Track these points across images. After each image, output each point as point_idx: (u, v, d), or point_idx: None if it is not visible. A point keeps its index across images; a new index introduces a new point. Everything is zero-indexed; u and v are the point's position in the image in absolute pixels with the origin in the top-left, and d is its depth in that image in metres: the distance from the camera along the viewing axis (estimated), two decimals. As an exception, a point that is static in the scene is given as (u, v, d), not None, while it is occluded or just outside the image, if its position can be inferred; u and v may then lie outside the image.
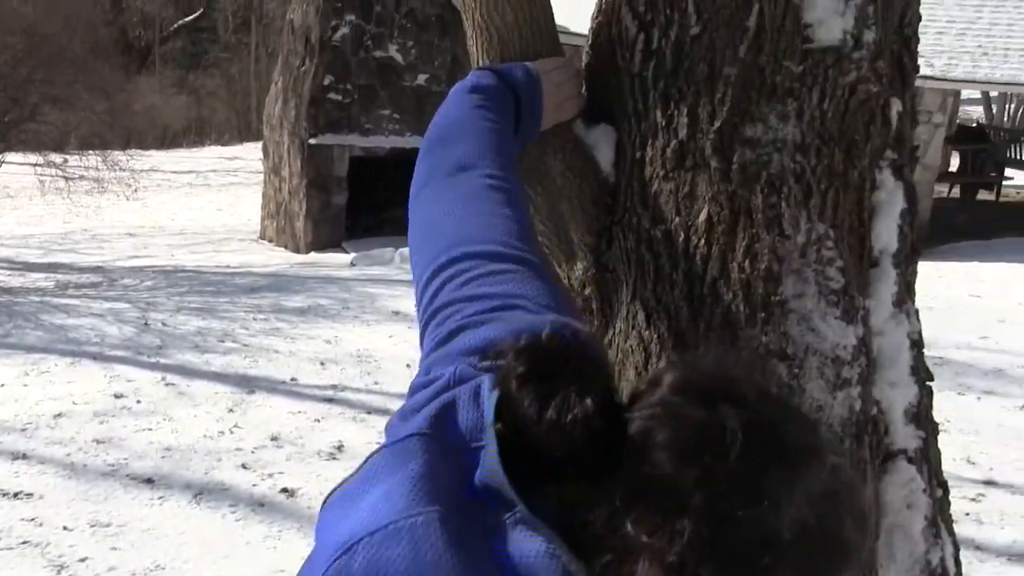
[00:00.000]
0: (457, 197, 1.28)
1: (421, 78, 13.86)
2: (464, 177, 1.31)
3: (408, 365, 7.51)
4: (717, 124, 1.45)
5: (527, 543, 0.78)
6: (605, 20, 1.61)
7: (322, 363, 7.55)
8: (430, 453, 0.86)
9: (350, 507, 0.86)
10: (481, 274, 1.13)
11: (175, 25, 37.90)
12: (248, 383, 7.03)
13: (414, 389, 1.01)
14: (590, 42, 1.65)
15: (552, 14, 1.65)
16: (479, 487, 0.84)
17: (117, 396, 6.66)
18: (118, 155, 16.54)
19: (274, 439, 5.99)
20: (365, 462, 0.90)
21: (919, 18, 1.63)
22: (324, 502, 0.91)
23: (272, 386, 7.00)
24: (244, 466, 5.58)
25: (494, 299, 1.09)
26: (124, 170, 15.76)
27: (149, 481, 5.34)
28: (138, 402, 6.57)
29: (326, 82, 13.43)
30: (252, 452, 5.78)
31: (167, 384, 6.96)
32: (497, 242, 1.18)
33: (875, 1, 1.48)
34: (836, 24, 1.45)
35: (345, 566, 0.80)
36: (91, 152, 15.38)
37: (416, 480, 0.83)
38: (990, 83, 13.80)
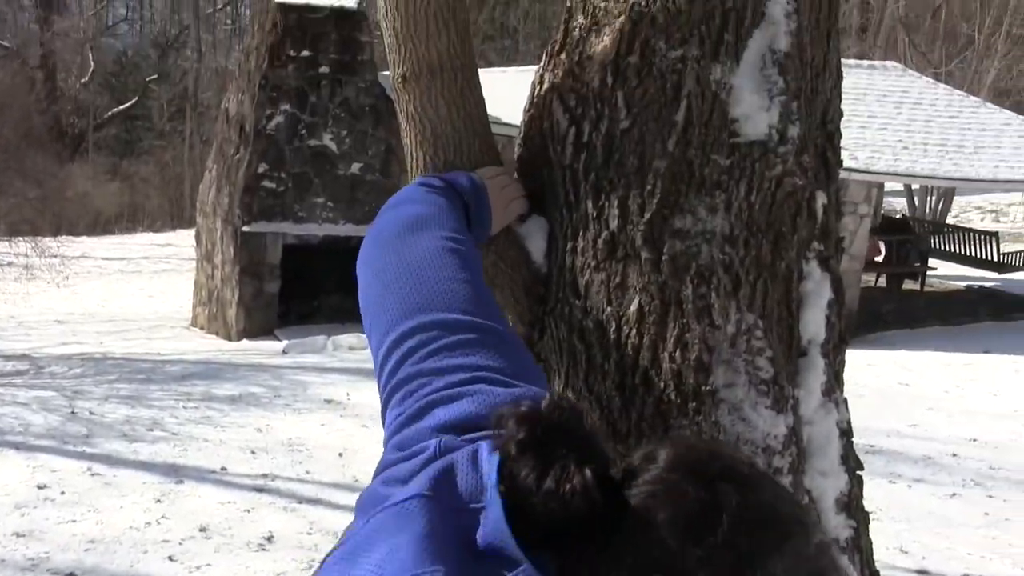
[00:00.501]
0: (414, 259, 1.25)
1: (355, 167, 13.92)
2: (420, 237, 1.29)
3: (340, 454, 7.40)
4: (647, 216, 1.47)
5: None
6: (537, 113, 1.63)
7: (252, 452, 7.41)
8: (433, 513, 0.85)
9: (349, 567, 0.83)
10: (445, 345, 1.10)
11: (110, 113, 37.77)
12: (176, 472, 6.87)
13: (388, 464, 0.99)
14: (522, 135, 1.67)
15: (485, 107, 1.68)
16: (482, 547, 0.82)
17: (40, 487, 6.46)
18: (49, 242, 16.30)
19: (202, 530, 5.84)
20: (345, 533, 0.90)
21: (841, 114, 1.68)
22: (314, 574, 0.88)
23: (201, 475, 6.84)
24: (171, 558, 5.42)
25: (461, 371, 1.07)
26: (54, 256, 15.52)
27: (71, 576, 5.17)
28: (62, 493, 6.38)
29: (260, 170, 13.43)
30: (180, 544, 5.62)
31: (93, 474, 6.77)
32: (459, 309, 1.15)
33: (799, 98, 1.52)
34: (762, 119, 1.48)
35: None
36: (21, 239, 15.14)
37: (421, 539, 0.82)
38: (911, 176, 14.21)
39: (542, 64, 1.67)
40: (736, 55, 1.48)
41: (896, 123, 14.60)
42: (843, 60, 1.81)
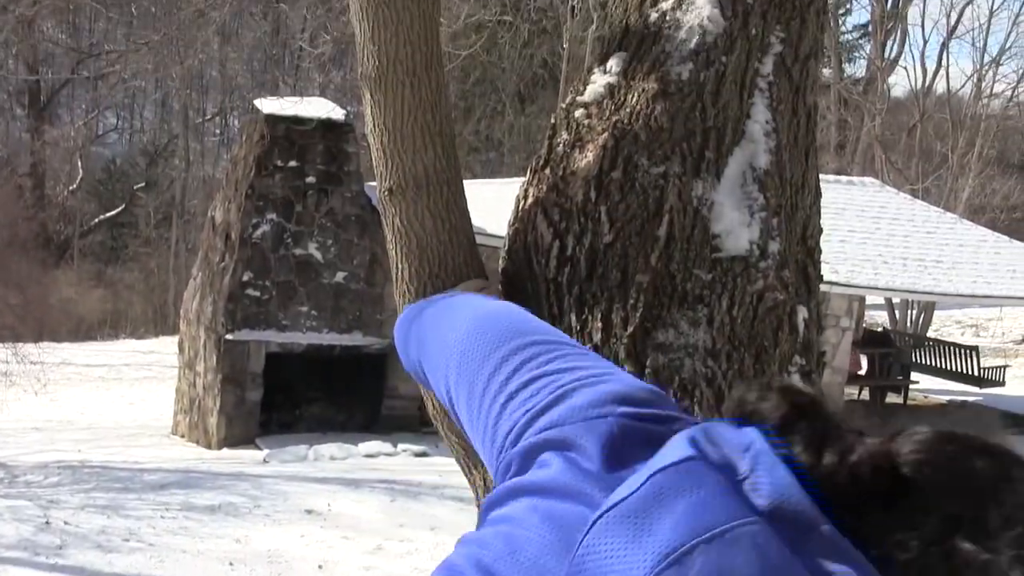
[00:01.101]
0: (480, 304, 1.28)
1: (339, 275, 13.97)
2: (471, 298, 1.33)
3: (320, 566, 7.26)
4: (630, 329, 1.48)
5: (836, 565, 0.78)
6: (521, 227, 1.65)
7: (231, 563, 7.26)
8: (717, 474, 0.85)
9: (639, 531, 0.81)
10: (561, 354, 1.13)
11: (96, 220, 37.97)
12: (150, 587, 6.72)
13: (538, 445, 1.00)
14: (506, 247, 1.69)
15: (470, 221, 1.70)
16: (766, 509, 0.82)
17: (8, 602, 6.31)
18: (30, 348, 16.20)
19: (175, 648, 5.69)
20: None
21: (820, 230, 1.71)
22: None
23: (176, 590, 6.70)
24: (141, 678, 5.26)
25: (590, 370, 1.09)
26: (34, 363, 15.40)
27: None
28: (31, 608, 6.22)
29: (245, 278, 13.46)
30: (150, 662, 5.47)
31: (63, 588, 6.62)
32: (551, 331, 1.19)
33: (779, 214, 1.55)
34: (743, 235, 1.51)
35: (677, 574, 0.76)
36: (1, 345, 15.06)
37: (723, 495, 0.82)
38: (892, 290, 14.36)
39: (527, 179, 1.69)
40: (717, 172, 1.52)
41: (875, 238, 14.81)
42: (822, 175, 1.84)
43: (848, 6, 31.91)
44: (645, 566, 0.77)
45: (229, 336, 13.28)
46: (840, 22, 30.89)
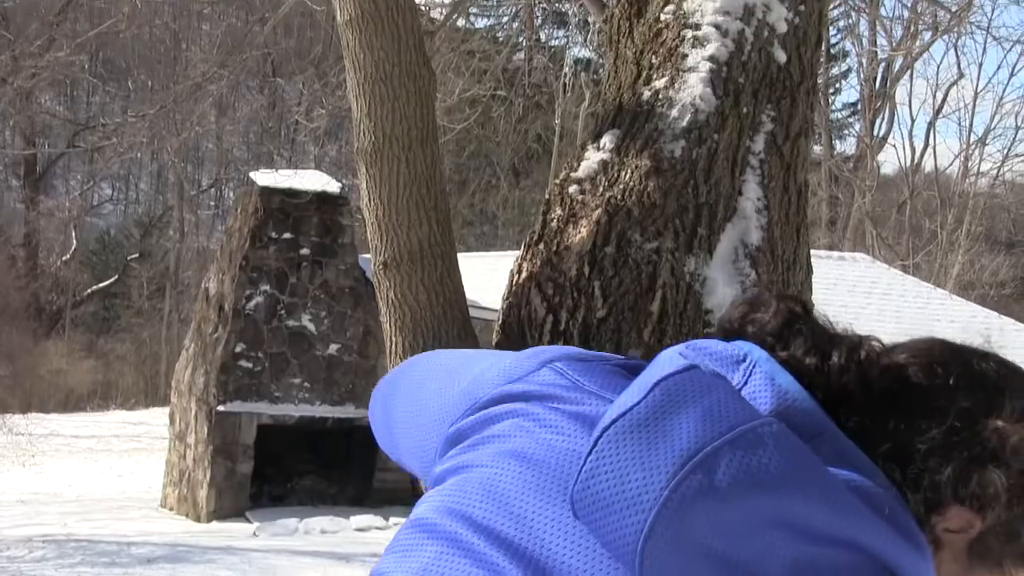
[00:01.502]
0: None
1: (333, 347, 13.94)
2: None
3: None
4: (624, 403, 1.48)
5: (843, 472, 0.80)
6: (515, 301, 1.66)
7: (216, 642, 7.14)
8: (722, 379, 0.85)
9: (652, 441, 0.78)
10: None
11: (89, 290, 37.94)
12: (134, 664, 6.59)
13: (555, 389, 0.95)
14: (500, 321, 1.69)
15: (464, 294, 1.71)
16: (770, 413, 0.83)
17: None
18: (17, 419, 16.09)
19: None
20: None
21: (812, 306, 1.72)
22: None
23: (160, 668, 6.57)
24: None
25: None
26: (21, 435, 15.29)
27: None
28: None
29: (238, 349, 13.43)
30: None
31: (45, 666, 6.48)
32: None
33: (770, 289, 1.56)
34: (735, 310, 1.52)
35: (705, 478, 0.74)
36: (-12, 416, 14.96)
37: (735, 396, 0.81)
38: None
39: (520, 253, 1.71)
40: (709, 248, 1.53)
41: (867, 313, 14.85)
42: (813, 250, 1.86)
43: (838, 86, 32.43)
44: (664, 475, 0.75)
45: (221, 407, 13.21)
46: (830, 101, 31.34)
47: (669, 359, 0.88)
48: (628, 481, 0.76)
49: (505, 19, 23.56)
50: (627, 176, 1.67)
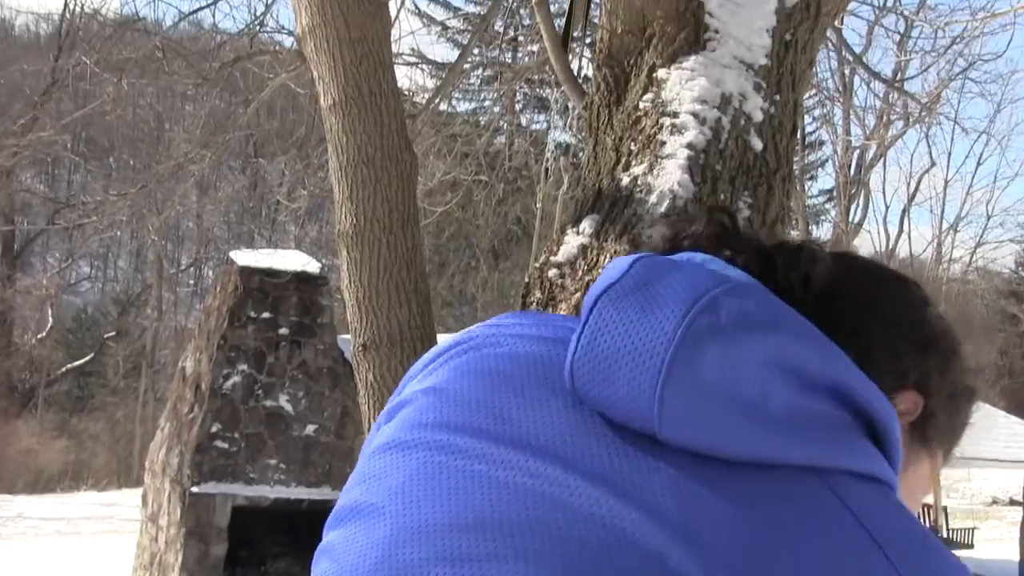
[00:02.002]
0: None
1: (310, 428, 13.83)
2: None
3: None
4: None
5: None
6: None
7: None
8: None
9: (649, 295, 0.79)
10: None
11: (63, 369, 37.62)
12: None
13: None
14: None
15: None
16: None
17: None
18: (-16, 500, 15.82)
19: None
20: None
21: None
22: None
23: None
24: None
25: None
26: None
27: None
28: None
29: (213, 429, 13.30)
30: None
31: None
32: None
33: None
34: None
35: (712, 318, 0.76)
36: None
37: (704, 264, 0.87)
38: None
39: (500, 336, 1.71)
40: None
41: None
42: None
43: (814, 173, 32.93)
44: (673, 321, 0.76)
45: (195, 488, 13.04)
46: (807, 188, 31.82)
47: (624, 258, 0.88)
48: (636, 332, 0.77)
49: (487, 103, 23.89)
50: (606, 260, 1.69)
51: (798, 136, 3.15)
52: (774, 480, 0.75)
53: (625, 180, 2.22)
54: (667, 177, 1.84)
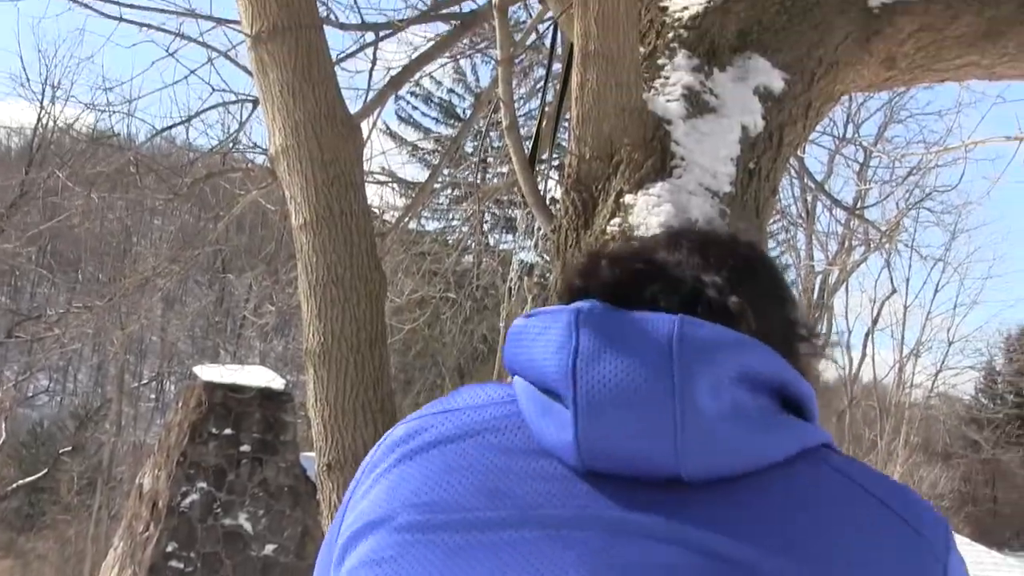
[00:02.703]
0: None
1: (269, 548, 13.53)
2: None
3: None
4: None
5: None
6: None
7: None
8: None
9: (618, 356, 0.88)
10: None
11: (14, 485, 36.71)
12: None
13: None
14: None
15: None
16: None
17: None
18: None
19: None
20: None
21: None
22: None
23: None
24: None
25: None
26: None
27: None
28: None
29: (169, 549, 12.98)
30: None
31: None
32: None
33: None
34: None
35: (691, 354, 0.88)
36: None
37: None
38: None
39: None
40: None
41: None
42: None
43: (778, 295, 33.23)
44: (661, 362, 0.86)
45: (146, 611, 12.67)
46: (770, 310, 32.03)
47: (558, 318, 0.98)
48: (632, 392, 0.86)
49: (456, 222, 24.14)
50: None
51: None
52: (777, 475, 0.88)
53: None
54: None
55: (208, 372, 14.33)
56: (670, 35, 3.31)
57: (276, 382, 14.37)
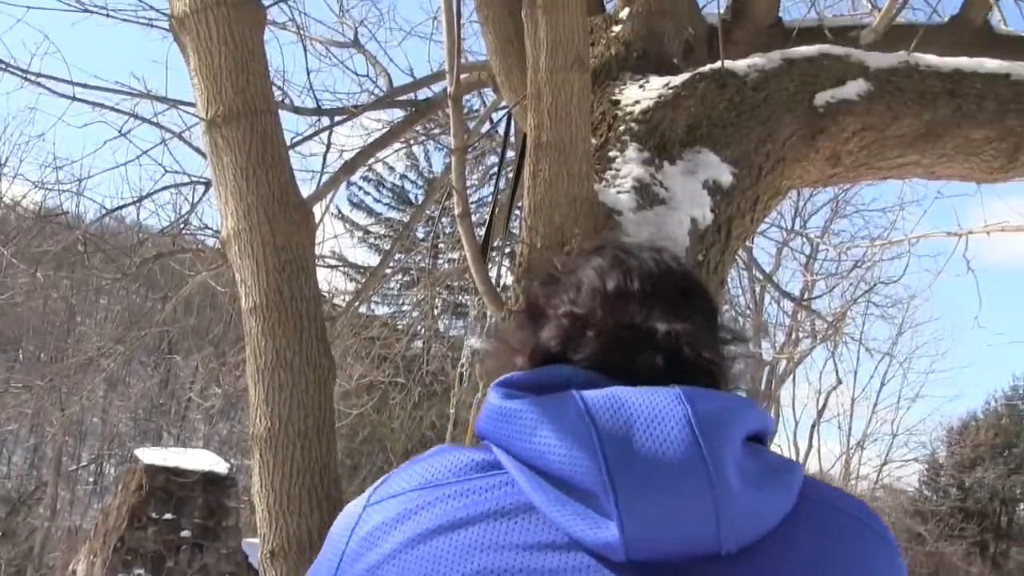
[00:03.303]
0: None
1: (208, 638, 13.18)
2: None
3: None
4: None
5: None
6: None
7: None
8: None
9: (643, 449, 0.90)
10: None
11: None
12: None
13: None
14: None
15: None
16: None
17: None
18: None
19: None
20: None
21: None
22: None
23: None
24: None
25: None
26: None
27: None
28: None
29: (102, 640, 12.60)
30: None
31: None
32: None
33: None
34: None
35: (710, 438, 0.92)
36: None
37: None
38: None
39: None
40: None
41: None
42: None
43: (726, 384, 33.40)
44: (691, 451, 0.90)
45: None
46: (718, 399, 32.16)
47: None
48: (669, 480, 0.88)
49: (406, 307, 24.09)
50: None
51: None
52: (786, 530, 0.94)
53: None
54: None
55: (150, 455, 14.08)
56: (621, 128, 3.38)
57: (220, 466, 14.13)
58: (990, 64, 3.85)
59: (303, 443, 1.87)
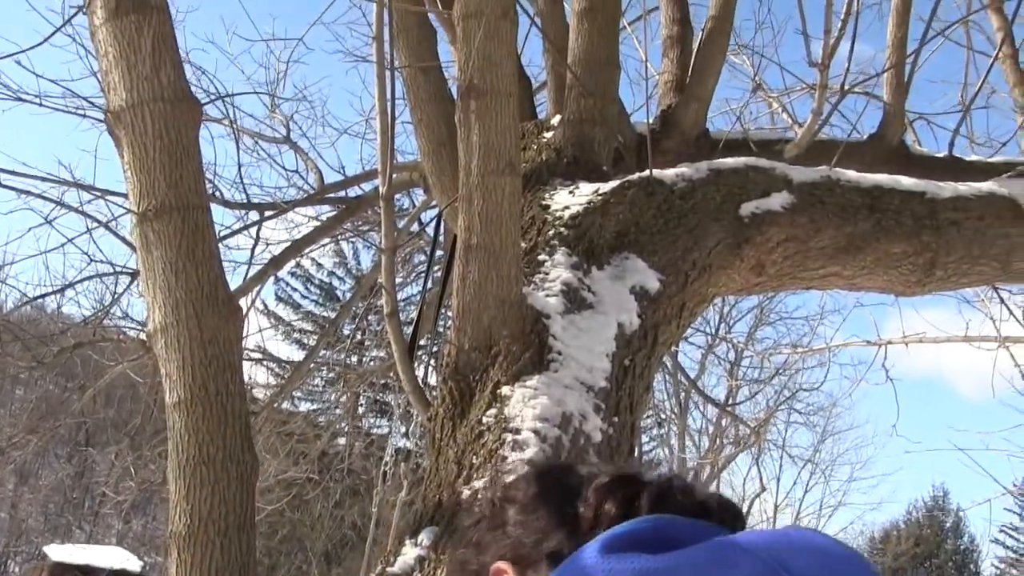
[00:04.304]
0: None
1: None
2: None
3: None
4: None
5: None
6: None
7: None
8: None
9: None
10: None
11: None
12: None
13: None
14: None
15: None
16: None
17: None
18: None
19: None
20: None
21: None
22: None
23: None
24: None
25: None
26: None
27: None
28: None
29: None
30: None
31: None
32: None
33: None
34: None
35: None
36: None
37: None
38: None
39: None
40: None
41: None
42: None
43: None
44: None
45: None
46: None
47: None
48: None
49: (328, 404, 23.80)
50: (442, 574, 1.68)
51: (635, 456, 3.25)
52: None
53: (466, 493, 2.24)
54: (508, 492, 1.88)
55: (59, 552, 13.53)
56: (551, 232, 3.44)
57: (131, 563, 13.64)
58: (906, 182, 4.00)
59: (223, 541, 1.84)
